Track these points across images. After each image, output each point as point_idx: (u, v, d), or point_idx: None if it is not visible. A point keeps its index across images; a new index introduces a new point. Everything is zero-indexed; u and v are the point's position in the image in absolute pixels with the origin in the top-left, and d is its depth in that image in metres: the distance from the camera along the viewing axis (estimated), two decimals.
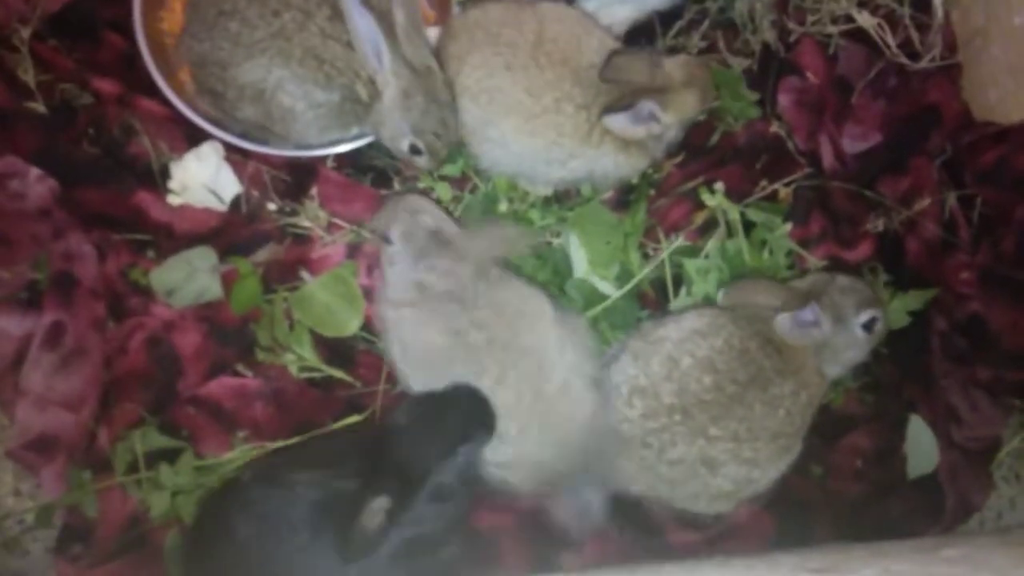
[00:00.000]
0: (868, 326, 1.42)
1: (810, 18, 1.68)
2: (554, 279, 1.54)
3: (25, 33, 1.59)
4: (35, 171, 1.52)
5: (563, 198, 1.60)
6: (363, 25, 1.36)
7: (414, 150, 1.46)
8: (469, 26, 1.46)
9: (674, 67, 1.42)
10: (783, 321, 1.39)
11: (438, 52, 1.47)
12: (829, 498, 1.46)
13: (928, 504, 1.50)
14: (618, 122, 1.40)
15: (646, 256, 1.56)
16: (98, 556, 1.37)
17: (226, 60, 1.41)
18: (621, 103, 1.38)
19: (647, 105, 1.39)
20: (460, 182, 1.60)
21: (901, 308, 1.54)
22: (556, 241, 1.57)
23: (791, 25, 1.68)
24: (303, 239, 1.57)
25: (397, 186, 1.61)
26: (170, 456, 1.43)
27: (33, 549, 1.43)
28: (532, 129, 1.42)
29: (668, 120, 1.42)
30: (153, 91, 1.57)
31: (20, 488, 1.45)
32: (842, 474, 1.50)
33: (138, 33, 1.56)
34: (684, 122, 1.48)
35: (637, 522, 1.46)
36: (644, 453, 1.35)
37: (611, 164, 1.47)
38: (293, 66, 1.40)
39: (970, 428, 1.53)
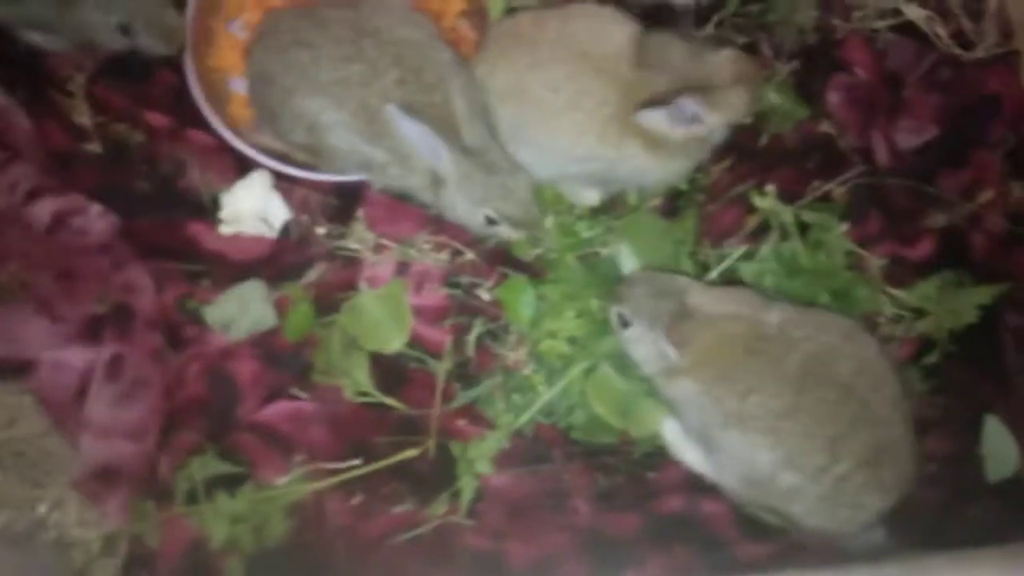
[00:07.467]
0: None
1: (856, 14, 1.65)
2: (603, 290, 1.52)
3: (80, 79, 1.65)
4: (96, 207, 1.55)
5: (610, 208, 1.58)
6: (414, 133, 1.36)
7: (490, 221, 1.44)
8: (499, 34, 1.46)
9: (721, 61, 1.34)
10: None
11: (475, 66, 1.46)
12: (905, 505, 1.39)
13: (1013, 509, 1.42)
14: (655, 120, 1.32)
15: (699, 263, 1.53)
16: None
17: (291, 86, 1.44)
18: (659, 99, 1.29)
19: (690, 104, 1.30)
20: None
21: (970, 304, 1.47)
22: (604, 251, 1.55)
23: (836, 22, 1.65)
24: (353, 261, 1.58)
25: None
26: (229, 483, 1.43)
27: None
28: (555, 127, 1.38)
29: (714, 121, 1.35)
30: (202, 123, 1.61)
31: (86, 518, 1.47)
32: (918, 480, 1.44)
33: (188, 67, 1.60)
34: (731, 123, 1.42)
35: (701, 536, 1.42)
36: None
37: (638, 166, 1.41)
38: (345, 115, 1.41)
39: None
